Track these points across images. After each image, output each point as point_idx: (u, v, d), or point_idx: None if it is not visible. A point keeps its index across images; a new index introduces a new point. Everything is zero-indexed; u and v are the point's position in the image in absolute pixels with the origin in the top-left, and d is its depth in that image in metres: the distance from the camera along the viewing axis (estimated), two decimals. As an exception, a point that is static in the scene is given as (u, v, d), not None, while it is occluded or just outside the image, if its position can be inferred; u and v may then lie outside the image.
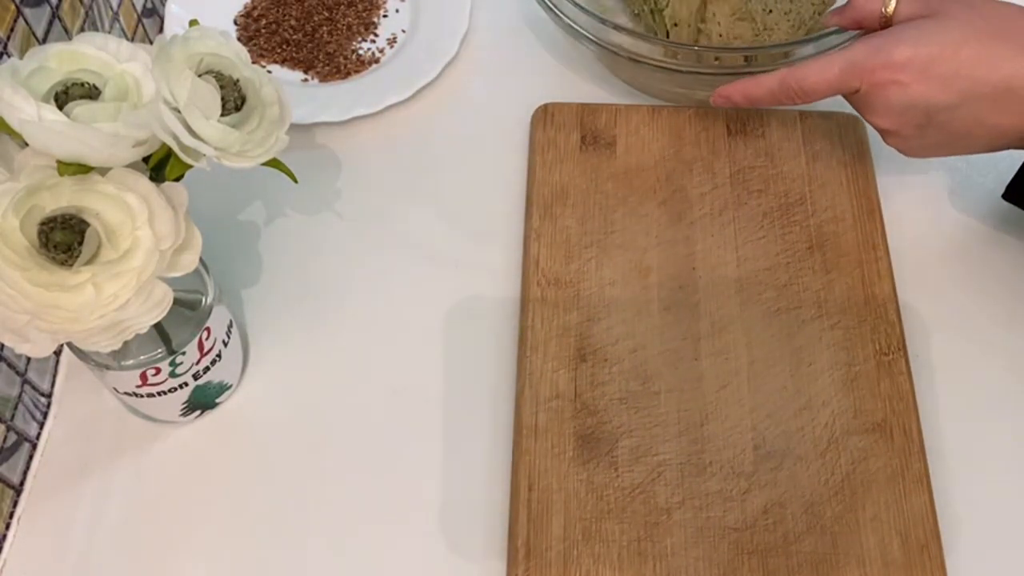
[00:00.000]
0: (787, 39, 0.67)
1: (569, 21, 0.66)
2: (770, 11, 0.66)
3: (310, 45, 0.73)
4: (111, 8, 0.66)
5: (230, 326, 0.55)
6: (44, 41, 0.56)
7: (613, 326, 0.58)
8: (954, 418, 0.56)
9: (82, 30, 0.61)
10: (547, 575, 0.50)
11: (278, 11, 0.75)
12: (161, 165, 0.45)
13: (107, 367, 0.51)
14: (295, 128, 0.56)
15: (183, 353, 0.51)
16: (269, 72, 0.72)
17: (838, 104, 0.68)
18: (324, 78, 0.72)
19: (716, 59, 0.64)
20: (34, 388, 0.56)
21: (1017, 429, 0.56)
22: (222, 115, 0.45)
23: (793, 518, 0.52)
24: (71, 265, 0.42)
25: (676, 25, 0.68)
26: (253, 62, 0.51)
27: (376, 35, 0.74)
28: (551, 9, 0.66)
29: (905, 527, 0.51)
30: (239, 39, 0.74)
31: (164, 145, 0.44)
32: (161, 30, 0.74)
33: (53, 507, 0.54)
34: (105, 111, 0.43)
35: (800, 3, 0.68)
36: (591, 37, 0.65)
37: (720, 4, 0.67)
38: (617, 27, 0.63)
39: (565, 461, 0.53)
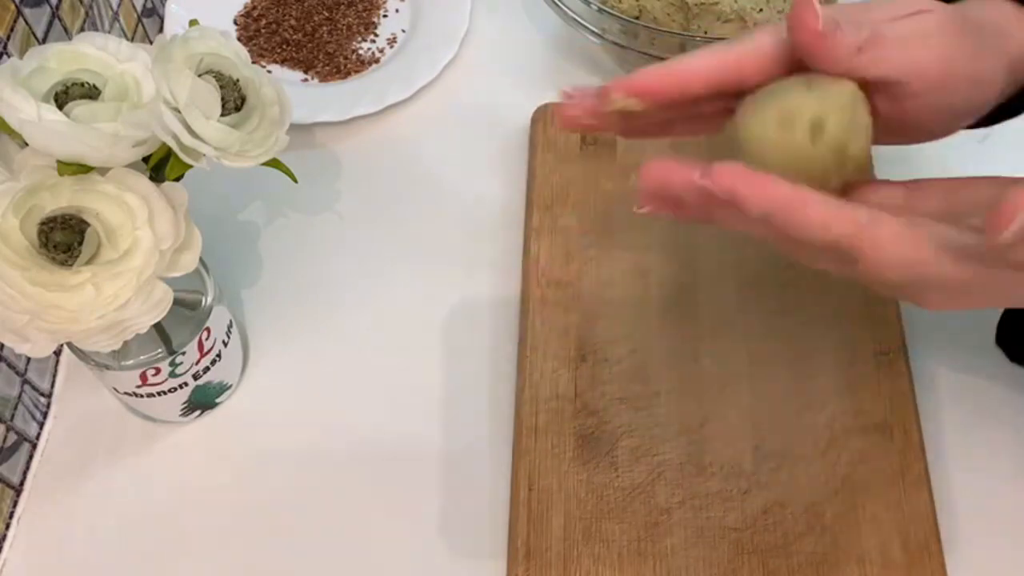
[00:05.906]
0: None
1: (572, 14, 0.65)
2: (760, 10, 0.66)
3: (310, 45, 0.73)
4: (111, 8, 0.66)
5: (230, 326, 0.55)
6: (44, 41, 0.56)
7: (613, 326, 0.58)
8: (954, 418, 0.56)
9: (82, 30, 0.61)
10: (547, 575, 0.50)
11: (278, 11, 0.75)
12: (161, 165, 0.46)
13: (107, 367, 0.51)
14: (295, 128, 0.56)
15: (183, 353, 0.51)
16: (269, 72, 0.72)
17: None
18: (324, 78, 0.72)
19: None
20: (34, 388, 0.56)
21: (1017, 429, 0.56)
22: (222, 115, 0.45)
23: (793, 518, 0.51)
24: (71, 265, 0.42)
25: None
26: (253, 62, 0.51)
27: (376, 35, 0.74)
28: (555, 4, 0.66)
29: (905, 527, 0.51)
30: (239, 39, 0.74)
31: (164, 145, 0.44)
32: (161, 30, 0.74)
33: (53, 507, 0.54)
34: (105, 111, 0.43)
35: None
36: (591, 28, 0.64)
37: (704, 17, 0.66)
38: (617, 17, 0.63)
39: (565, 461, 0.53)
